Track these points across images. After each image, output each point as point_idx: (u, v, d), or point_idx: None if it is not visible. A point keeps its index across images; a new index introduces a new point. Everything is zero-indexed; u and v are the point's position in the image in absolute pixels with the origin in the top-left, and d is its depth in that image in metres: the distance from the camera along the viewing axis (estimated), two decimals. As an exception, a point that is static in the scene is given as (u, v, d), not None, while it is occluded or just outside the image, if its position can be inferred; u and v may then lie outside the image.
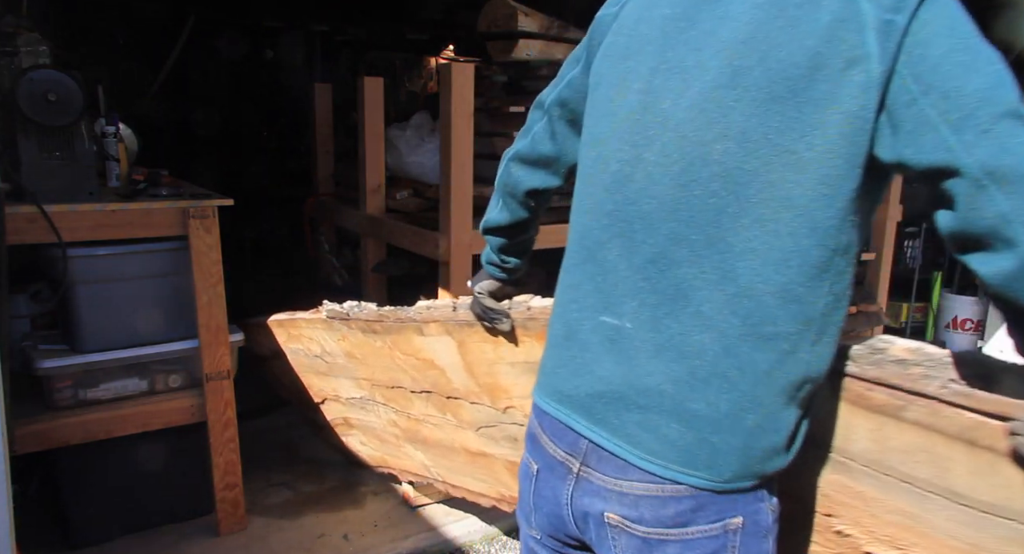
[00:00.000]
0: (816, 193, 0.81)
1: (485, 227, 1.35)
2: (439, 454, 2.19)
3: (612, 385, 0.93)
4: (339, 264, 3.67)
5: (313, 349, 2.38)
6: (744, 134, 0.82)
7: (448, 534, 2.50)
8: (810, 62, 0.79)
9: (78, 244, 2.10)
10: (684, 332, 0.87)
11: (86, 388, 2.22)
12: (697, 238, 0.86)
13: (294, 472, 2.88)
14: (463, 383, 1.89)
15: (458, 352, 1.83)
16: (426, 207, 3.03)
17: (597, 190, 0.96)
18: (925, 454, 0.97)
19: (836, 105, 0.79)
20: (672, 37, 0.90)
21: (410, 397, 2.13)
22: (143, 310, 2.28)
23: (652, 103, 0.90)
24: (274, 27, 4.70)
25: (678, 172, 0.87)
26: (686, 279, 0.87)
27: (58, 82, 2.02)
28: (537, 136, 1.19)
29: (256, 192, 4.47)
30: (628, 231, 0.92)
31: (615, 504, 0.93)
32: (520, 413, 1.79)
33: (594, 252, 0.96)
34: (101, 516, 2.32)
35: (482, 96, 2.88)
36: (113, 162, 2.43)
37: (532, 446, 1.07)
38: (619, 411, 0.92)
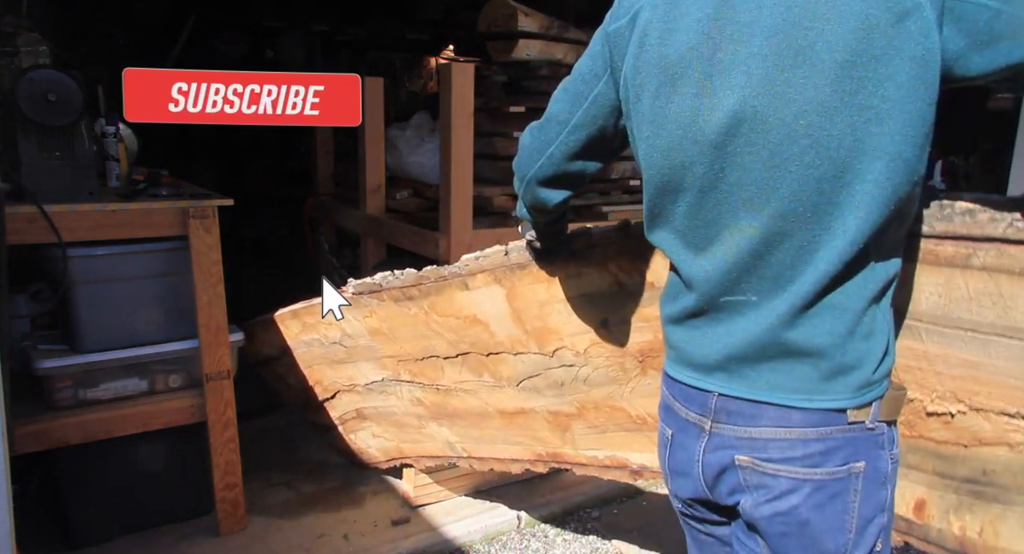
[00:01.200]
0: (902, 137, 0.89)
1: (521, 217, 1.44)
2: (468, 424, 2.21)
3: (742, 347, 1.02)
4: (339, 264, 3.67)
5: (331, 335, 2.36)
6: (822, 104, 0.89)
7: (448, 534, 2.50)
8: (862, 24, 0.86)
9: (78, 244, 2.10)
10: (801, 290, 0.97)
11: (86, 388, 2.22)
12: (802, 209, 0.93)
13: (294, 472, 2.88)
14: (508, 333, 1.93)
15: (506, 300, 1.87)
16: (426, 207, 3.03)
17: (689, 192, 1.02)
18: (990, 297, 1.10)
19: (898, 54, 0.86)
20: (714, 37, 0.95)
21: (442, 365, 2.15)
22: (143, 310, 2.28)
23: (718, 103, 0.95)
24: (274, 27, 4.70)
25: (768, 156, 0.93)
26: (799, 245, 0.95)
27: (58, 82, 2.02)
28: (557, 156, 1.21)
29: (256, 192, 4.47)
30: (733, 221, 0.99)
31: (745, 449, 1.03)
32: (571, 353, 1.85)
33: (703, 247, 1.04)
34: (101, 516, 2.32)
35: (482, 96, 2.88)
36: (113, 162, 2.43)
37: (666, 415, 1.18)
38: (753, 364, 1.02)
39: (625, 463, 1.96)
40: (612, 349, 1.79)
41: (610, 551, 2.49)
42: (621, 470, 1.98)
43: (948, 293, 1.13)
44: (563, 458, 2.07)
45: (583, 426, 1.99)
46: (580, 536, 2.57)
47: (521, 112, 2.94)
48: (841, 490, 1.00)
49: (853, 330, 0.97)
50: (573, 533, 2.59)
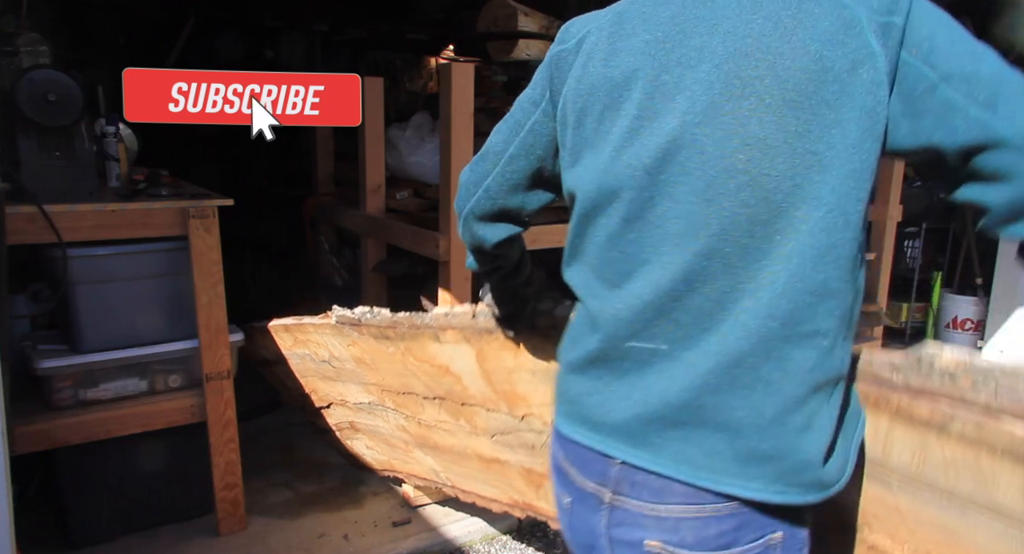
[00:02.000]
0: (845, 188, 0.83)
1: (473, 271, 1.36)
2: (450, 460, 2.18)
3: (650, 406, 0.92)
4: (339, 264, 3.67)
5: (320, 354, 2.37)
6: (764, 141, 0.83)
7: (448, 534, 2.50)
8: (816, 65, 0.81)
9: (78, 244, 2.10)
10: (723, 342, 0.87)
11: (86, 388, 2.22)
12: (731, 250, 0.85)
13: (294, 472, 2.88)
14: (479, 390, 1.87)
15: (476, 360, 1.81)
16: (426, 207, 3.03)
17: (613, 222, 0.94)
18: (969, 470, 0.96)
19: (850, 103, 0.81)
20: (660, 59, 0.89)
21: (422, 403, 2.12)
22: (143, 310, 2.29)
23: (658, 127, 0.88)
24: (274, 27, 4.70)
25: (702, 188, 0.86)
26: (722, 291, 0.87)
27: (58, 82, 2.02)
28: (493, 189, 1.12)
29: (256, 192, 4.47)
30: (654, 256, 0.90)
31: (654, 530, 0.92)
32: (539, 421, 1.78)
33: (616, 282, 0.95)
34: (101, 516, 2.32)
35: (482, 96, 2.88)
36: (113, 162, 2.43)
37: (560, 480, 1.06)
38: (660, 430, 0.91)
39: None
40: None
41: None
42: None
43: (923, 455, 1.01)
44: (538, 511, 2.00)
45: None
46: (580, 536, 2.57)
47: (521, 112, 2.94)
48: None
49: (784, 417, 0.86)
50: (573, 533, 2.58)
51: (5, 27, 2.20)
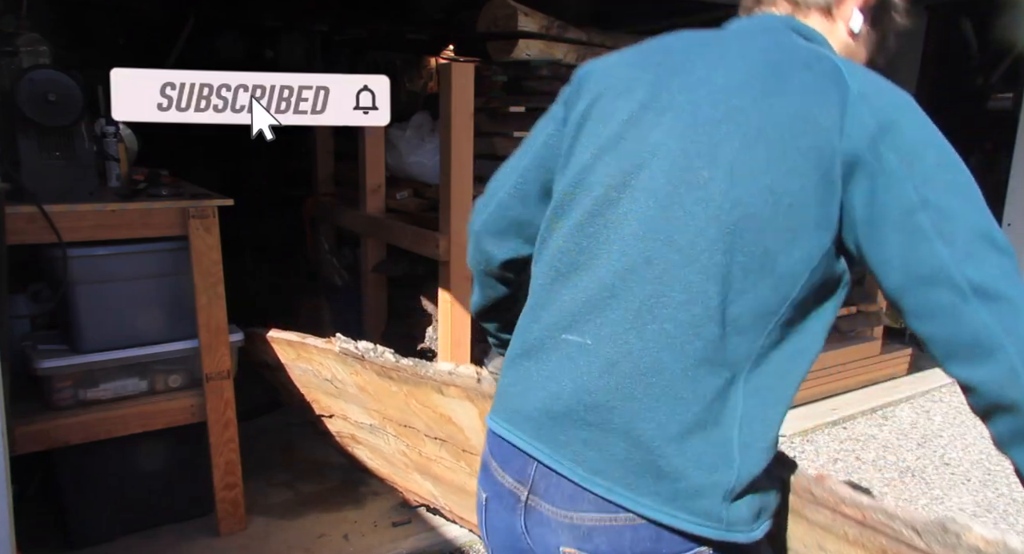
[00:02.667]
0: (782, 239, 0.85)
1: (475, 313, 1.36)
2: (450, 490, 2.17)
3: (561, 400, 0.92)
4: (339, 264, 3.66)
5: (323, 373, 2.36)
6: (731, 165, 0.86)
7: (448, 534, 2.49)
8: (802, 115, 0.85)
9: (78, 244, 2.10)
10: (645, 349, 0.87)
11: (86, 388, 2.22)
12: (672, 257, 0.87)
13: (294, 472, 2.88)
14: (477, 441, 1.87)
15: (478, 417, 1.81)
16: (426, 207, 3.03)
17: (577, 213, 0.97)
18: None
19: (818, 159, 0.84)
20: (663, 80, 0.95)
21: (423, 438, 2.11)
22: (143, 310, 2.28)
23: (643, 135, 0.93)
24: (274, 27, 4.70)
25: (663, 195, 0.89)
26: (654, 296, 0.88)
27: (58, 82, 2.02)
28: (503, 202, 1.14)
29: (256, 192, 4.46)
30: (604, 252, 0.93)
31: (568, 537, 0.91)
32: None
33: (565, 273, 0.97)
34: (101, 516, 2.32)
35: (482, 96, 2.88)
36: (113, 162, 2.43)
37: (484, 475, 1.05)
38: (566, 427, 0.91)
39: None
40: None
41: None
42: None
43: None
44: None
45: None
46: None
47: (521, 112, 2.94)
48: None
49: (687, 438, 0.85)
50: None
51: (5, 27, 2.20)
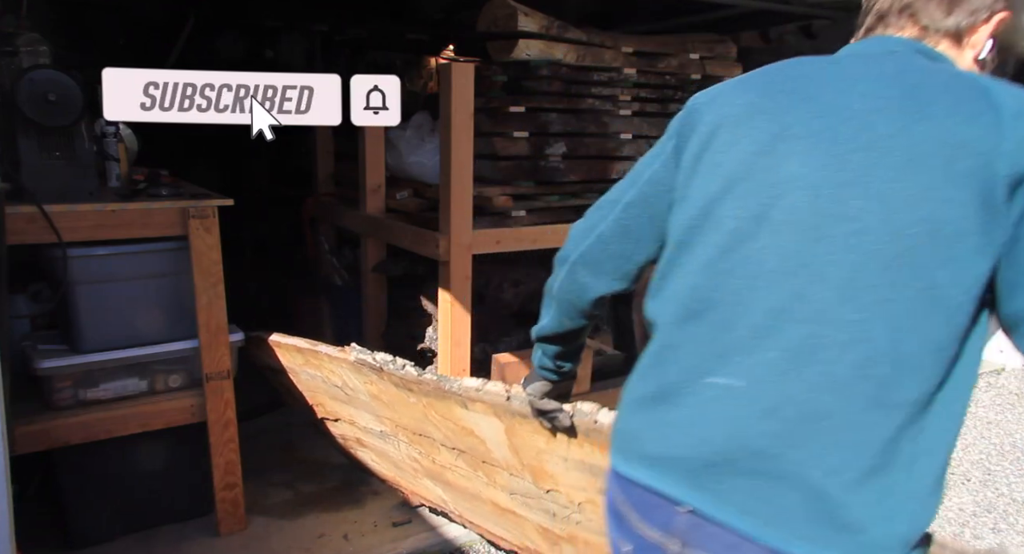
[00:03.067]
0: (948, 269, 0.81)
1: (540, 335, 1.32)
2: (462, 497, 2.17)
3: (714, 446, 0.88)
4: (339, 264, 3.66)
5: (333, 380, 2.36)
6: (885, 195, 0.83)
7: (448, 534, 2.49)
8: (953, 140, 0.81)
9: (78, 244, 2.10)
10: (808, 392, 0.83)
11: (86, 388, 2.22)
12: (826, 294, 0.84)
13: (294, 472, 2.88)
14: (504, 457, 1.86)
15: (504, 433, 1.80)
16: (426, 207, 3.03)
17: (708, 249, 0.93)
18: None
19: (977, 185, 0.80)
20: (792, 108, 0.92)
21: (438, 448, 2.11)
22: (143, 310, 2.28)
23: (776, 165, 0.89)
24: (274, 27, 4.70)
25: (809, 228, 0.86)
26: (812, 336, 0.84)
27: (58, 82, 2.02)
28: (606, 235, 1.10)
29: (256, 192, 4.46)
30: (747, 288, 0.89)
31: None
32: (565, 498, 1.76)
33: (700, 311, 0.93)
34: (101, 516, 2.32)
35: (482, 96, 2.88)
36: (113, 162, 2.43)
37: (618, 525, 1.00)
38: (725, 475, 0.87)
39: None
40: None
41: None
42: None
43: None
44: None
45: (573, 550, 1.89)
46: (580, 536, 2.57)
47: (521, 112, 2.94)
48: None
49: (864, 485, 0.81)
50: (573, 533, 2.59)
51: (5, 27, 2.20)
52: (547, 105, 2.99)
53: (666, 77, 3.32)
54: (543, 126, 2.98)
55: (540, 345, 1.34)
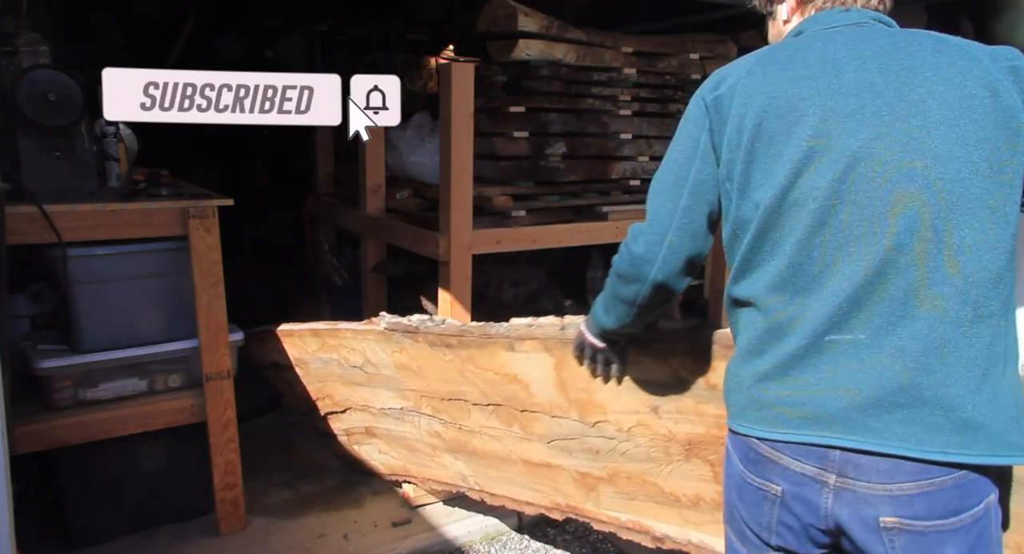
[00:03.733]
0: (1002, 193, 1.00)
1: (613, 331, 1.47)
2: (486, 465, 2.18)
3: (861, 393, 1.02)
4: (339, 264, 3.66)
5: (352, 359, 2.36)
6: (936, 151, 0.99)
7: (448, 534, 2.50)
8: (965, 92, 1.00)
9: (78, 244, 2.10)
10: (925, 327, 1.00)
11: (85, 388, 2.22)
12: (918, 245, 1.00)
13: (294, 472, 2.88)
14: (548, 398, 1.92)
15: (553, 368, 1.87)
16: (426, 207, 3.03)
17: (796, 229, 1.06)
18: None
19: (1000, 119, 0.99)
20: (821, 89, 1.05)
21: (469, 409, 2.13)
22: (143, 310, 2.28)
23: (833, 144, 1.03)
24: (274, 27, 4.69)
25: (883, 192, 1.01)
26: (914, 282, 1.00)
27: (58, 82, 2.02)
28: (676, 244, 1.21)
29: (256, 192, 4.46)
30: (844, 257, 1.03)
31: (888, 508, 1.01)
32: (613, 427, 1.83)
33: (806, 284, 1.06)
34: (101, 516, 2.32)
35: (482, 96, 2.88)
36: (113, 162, 2.43)
37: (765, 468, 1.11)
38: (877, 414, 1.01)
39: (648, 530, 1.92)
40: (659, 434, 1.78)
41: (610, 552, 2.49)
42: (643, 535, 1.94)
43: None
44: (583, 512, 2.03)
45: (611, 490, 1.96)
46: (580, 536, 2.57)
47: (521, 112, 2.94)
48: (985, 526, 1.03)
49: (982, 388, 0.99)
50: (573, 533, 2.58)
51: (5, 27, 2.20)
52: (547, 105, 2.99)
53: (666, 77, 3.32)
54: (543, 126, 2.98)
55: (613, 331, 1.47)
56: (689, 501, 1.81)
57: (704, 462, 1.74)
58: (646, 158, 3.26)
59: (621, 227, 3.09)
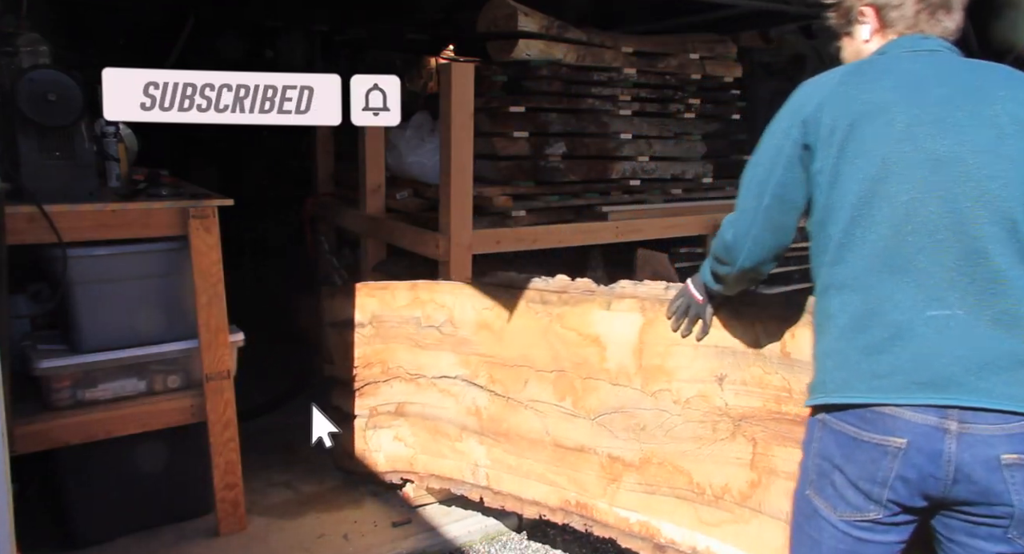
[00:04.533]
0: None
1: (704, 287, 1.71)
2: (512, 450, 2.24)
3: (970, 360, 1.17)
4: (339, 264, 3.66)
5: (436, 317, 2.41)
6: (1011, 157, 1.20)
7: (448, 534, 2.50)
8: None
9: (78, 244, 2.10)
10: (1014, 300, 1.18)
11: (84, 388, 2.22)
12: (1000, 233, 1.18)
13: (294, 472, 2.88)
14: (619, 363, 2.01)
15: (639, 330, 1.97)
16: (426, 207, 3.03)
17: (889, 217, 1.23)
18: None
19: None
20: (911, 101, 1.25)
21: (527, 379, 2.21)
22: (143, 310, 2.28)
23: (919, 147, 1.22)
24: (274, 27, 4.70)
25: (970, 188, 1.19)
26: (998, 267, 1.18)
27: (58, 82, 2.02)
28: (759, 237, 1.41)
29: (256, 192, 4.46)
30: (932, 243, 1.20)
31: (1006, 446, 1.15)
32: (671, 398, 1.91)
33: (902, 266, 1.22)
34: (101, 516, 2.32)
35: (482, 96, 2.88)
36: (113, 162, 2.43)
37: (885, 425, 1.22)
38: (987, 377, 1.16)
39: (654, 534, 1.95)
40: (714, 406, 1.84)
41: (610, 552, 2.49)
42: (644, 542, 1.97)
43: None
44: (590, 512, 2.07)
45: (634, 480, 1.99)
46: (580, 536, 2.57)
47: (521, 112, 2.94)
48: None
49: None
50: (573, 534, 2.58)
51: (5, 27, 2.20)
52: (547, 105, 2.99)
53: (666, 77, 3.32)
54: (543, 126, 2.98)
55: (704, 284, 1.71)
56: (714, 494, 1.85)
57: (747, 441, 1.79)
58: (646, 158, 3.26)
59: (621, 227, 3.09)
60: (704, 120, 3.48)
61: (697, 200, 3.44)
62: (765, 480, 1.79)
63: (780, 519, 1.73)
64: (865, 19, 1.40)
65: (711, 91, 3.50)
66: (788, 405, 1.73)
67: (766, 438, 1.78)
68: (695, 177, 3.44)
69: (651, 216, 3.22)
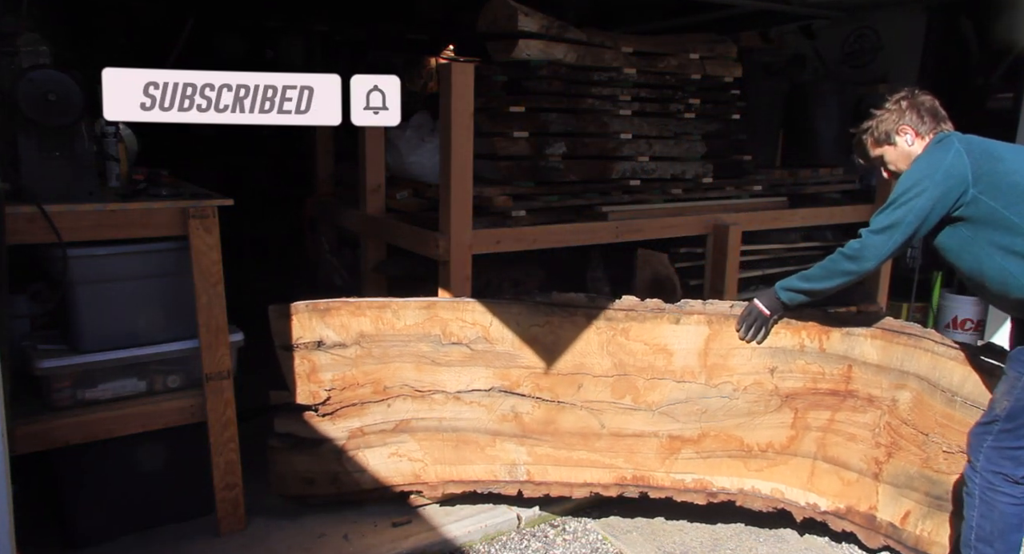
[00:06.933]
0: None
1: (787, 299, 2.29)
2: (561, 445, 2.48)
3: None
4: (339, 264, 3.67)
5: (463, 334, 2.45)
6: None
7: (448, 534, 2.50)
8: None
9: (78, 244, 2.10)
10: None
11: (84, 388, 2.22)
12: None
13: (294, 472, 2.87)
14: (685, 364, 2.41)
15: (705, 339, 2.39)
16: (426, 207, 3.03)
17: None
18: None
19: None
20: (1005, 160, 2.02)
21: (582, 383, 2.45)
22: (143, 310, 2.29)
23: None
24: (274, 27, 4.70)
25: None
26: None
27: (58, 82, 2.02)
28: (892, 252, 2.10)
29: (256, 192, 4.47)
30: None
31: None
32: (731, 387, 2.40)
33: None
34: (101, 516, 2.32)
35: (482, 96, 2.88)
36: (113, 162, 2.43)
37: None
38: None
39: (707, 485, 2.45)
40: (767, 389, 2.40)
41: (610, 551, 2.49)
42: (698, 493, 2.45)
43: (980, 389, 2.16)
44: (647, 481, 2.48)
45: (692, 451, 2.45)
46: (580, 536, 2.57)
47: (521, 112, 2.94)
48: None
49: None
50: (573, 533, 2.59)
51: (5, 27, 2.20)
52: (547, 105, 2.99)
53: (666, 77, 3.32)
54: (543, 126, 2.98)
55: (801, 296, 2.27)
56: (759, 449, 2.45)
57: (791, 410, 2.41)
58: (646, 158, 3.26)
59: (621, 227, 3.09)
60: (704, 120, 3.48)
61: (697, 200, 3.44)
62: (801, 435, 2.43)
63: (808, 458, 2.45)
64: (907, 133, 2.11)
65: (711, 91, 3.50)
66: (822, 383, 2.39)
67: (805, 407, 2.41)
68: (695, 177, 3.44)
69: (651, 216, 3.22)
